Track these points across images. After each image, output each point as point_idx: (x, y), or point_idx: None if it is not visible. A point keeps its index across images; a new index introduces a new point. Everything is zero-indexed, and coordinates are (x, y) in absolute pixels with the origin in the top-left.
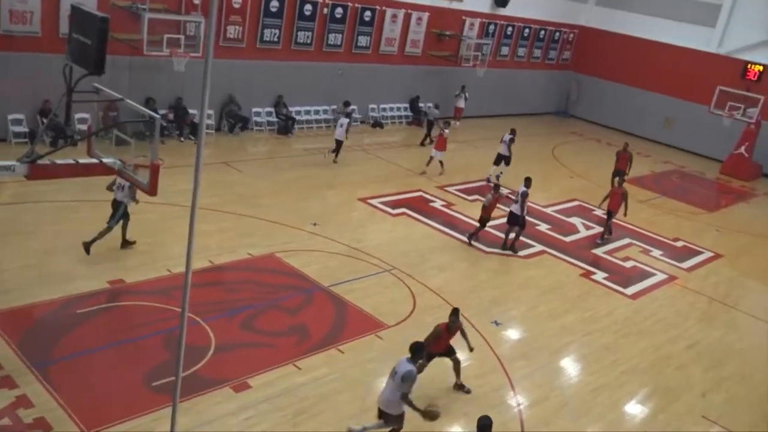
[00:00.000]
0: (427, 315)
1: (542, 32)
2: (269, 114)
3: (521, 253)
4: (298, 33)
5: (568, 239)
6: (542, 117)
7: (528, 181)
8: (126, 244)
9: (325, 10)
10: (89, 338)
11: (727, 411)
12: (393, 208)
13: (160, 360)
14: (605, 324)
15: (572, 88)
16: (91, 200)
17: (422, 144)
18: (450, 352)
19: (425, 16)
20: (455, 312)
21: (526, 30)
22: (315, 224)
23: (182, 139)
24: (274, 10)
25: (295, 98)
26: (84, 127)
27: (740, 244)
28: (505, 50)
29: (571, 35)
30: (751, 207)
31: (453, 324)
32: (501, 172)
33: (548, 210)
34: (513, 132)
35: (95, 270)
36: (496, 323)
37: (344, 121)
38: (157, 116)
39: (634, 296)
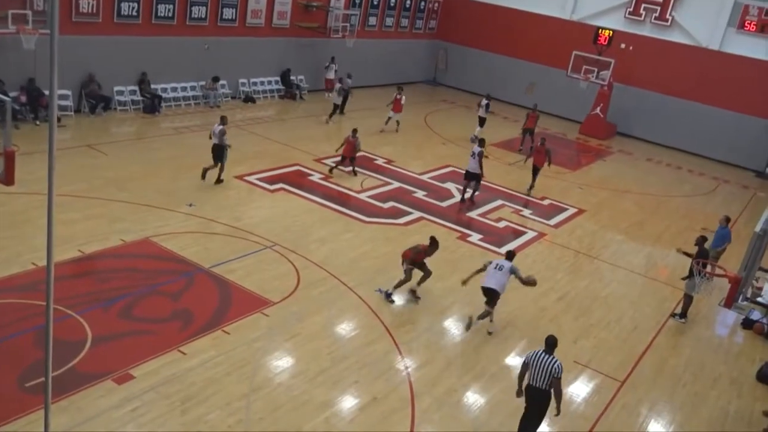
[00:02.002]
0: (312, 288)
1: (408, 2)
2: (133, 93)
3: (400, 220)
4: (159, 6)
5: (444, 204)
6: (413, 86)
7: (482, 142)
8: None
9: None
10: None
11: (596, 355)
12: (271, 183)
13: (32, 359)
14: None
15: (440, 57)
16: None
17: (333, 114)
18: (423, 266)
19: None
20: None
21: (392, 0)
22: (191, 205)
23: (38, 122)
24: None
25: (161, 75)
26: None
27: (600, 199)
28: (372, 20)
29: (436, 4)
30: (608, 164)
31: (432, 251)
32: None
33: (423, 177)
34: (489, 97)
35: None
36: (381, 291)
37: (337, 86)
38: (8, 99)
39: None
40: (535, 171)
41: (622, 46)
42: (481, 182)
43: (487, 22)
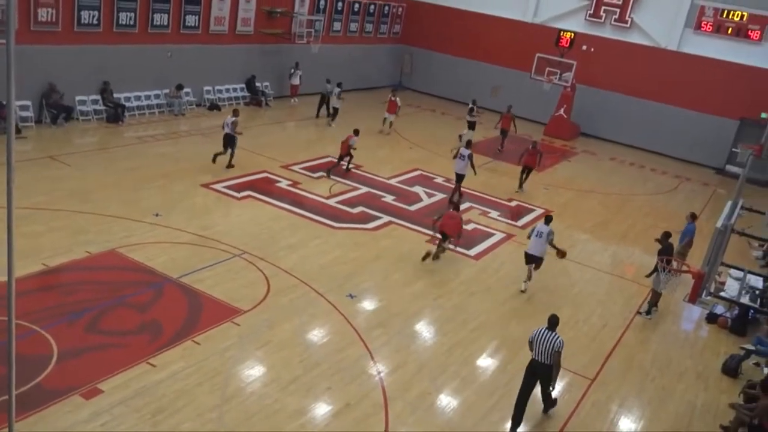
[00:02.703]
0: (282, 296)
1: (372, 7)
2: (95, 102)
3: (369, 225)
4: (120, 14)
5: (413, 208)
6: (379, 90)
7: (470, 144)
8: None
9: None
10: None
11: (566, 353)
12: (238, 191)
13: None
14: (454, 286)
15: (405, 61)
16: None
17: (317, 116)
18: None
19: None
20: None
21: (356, 5)
22: (157, 215)
23: None
24: None
25: (124, 84)
26: None
27: (566, 199)
28: (337, 26)
29: (400, 9)
30: (573, 164)
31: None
32: (461, 134)
33: (392, 181)
34: (474, 102)
35: None
36: (351, 296)
37: (336, 90)
38: None
39: (477, 257)
40: (526, 171)
41: (584, 47)
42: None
43: (451, 26)
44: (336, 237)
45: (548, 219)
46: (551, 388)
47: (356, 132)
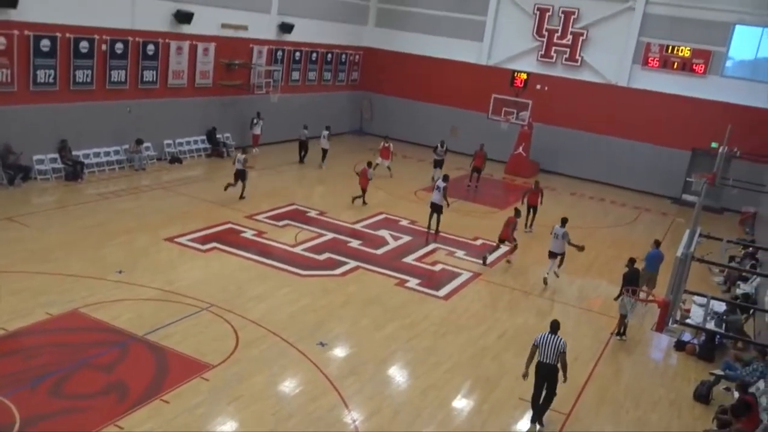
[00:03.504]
0: (252, 348)
1: (329, 55)
2: (54, 160)
3: (337, 271)
4: (76, 72)
5: (379, 252)
6: (341, 137)
7: (447, 178)
8: None
9: (104, 47)
10: None
11: None
12: (203, 243)
13: None
14: (424, 327)
15: (365, 107)
16: None
17: (300, 161)
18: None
19: (212, 46)
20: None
21: (314, 54)
22: (120, 272)
23: None
24: (45, 49)
25: (82, 141)
26: None
27: (530, 236)
28: (296, 75)
29: (357, 56)
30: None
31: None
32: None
33: (357, 226)
34: (441, 142)
35: None
36: (322, 344)
37: (325, 133)
38: None
39: (446, 297)
40: (532, 211)
41: (538, 87)
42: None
43: (408, 71)
44: (304, 285)
45: (564, 221)
46: (564, 381)
47: (369, 164)
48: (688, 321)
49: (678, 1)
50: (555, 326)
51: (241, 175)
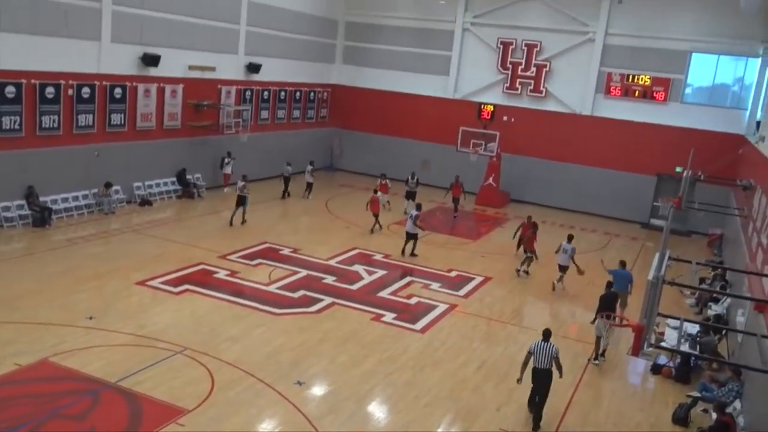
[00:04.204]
0: (228, 390)
1: (298, 93)
2: (21, 207)
3: (312, 308)
4: (42, 118)
5: (354, 287)
6: (304, 176)
7: (419, 207)
8: None
9: (70, 92)
10: None
11: (520, 419)
12: (175, 286)
13: None
14: (403, 361)
15: (335, 144)
16: None
17: (283, 197)
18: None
19: (179, 88)
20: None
21: (282, 93)
22: (91, 318)
23: None
24: (11, 96)
25: (50, 187)
26: None
27: (504, 265)
28: (265, 114)
29: (326, 93)
30: (506, 230)
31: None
32: (412, 209)
33: (331, 262)
34: (412, 174)
35: None
36: (300, 383)
37: (309, 168)
38: None
39: (423, 330)
40: (529, 254)
41: (505, 118)
42: (417, 241)
43: (376, 107)
44: (279, 323)
45: (570, 237)
46: (560, 376)
47: (375, 191)
48: (663, 344)
49: (636, 32)
50: (547, 334)
51: (242, 201)
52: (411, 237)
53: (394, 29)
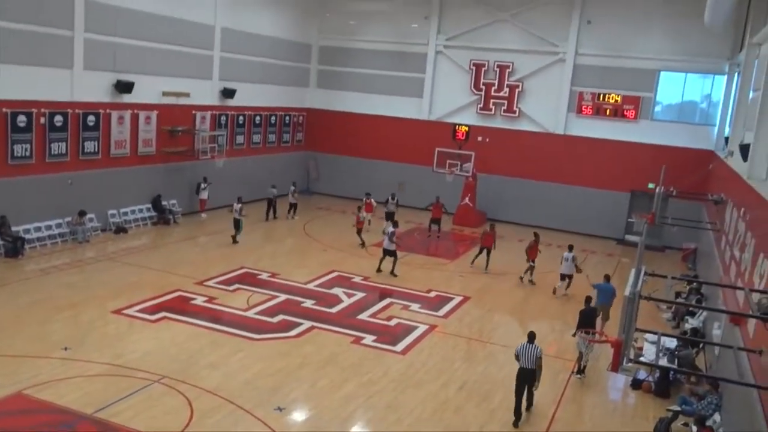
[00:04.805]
0: (207, 418)
1: (273, 118)
2: None
3: (291, 332)
4: (14, 146)
5: (333, 310)
6: (287, 197)
7: (396, 224)
8: None
9: (42, 120)
10: None
11: None
12: (152, 314)
13: None
14: (384, 384)
15: (311, 167)
16: None
17: (267, 219)
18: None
19: (154, 114)
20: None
21: (257, 117)
22: (66, 348)
23: None
24: None
25: (22, 216)
26: None
27: (482, 284)
28: (240, 139)
29: (301, 117)
30: (483, 260)
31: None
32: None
33: (309, 286)
34: (392, 195)
35: None
36: (280, 409)
37: (292, 188)
38: None
39: (404, 351)
40: (486, 251)
41: (479, 138)
42: (396, 259)
43: (352, 130)
44: (258, 349)
45: (570, 247)
46: (535, 388)
47: (359, 209)
48: (641, 359)
49: (605, 52)
50: (532, 336)
51: (235, 224)
52: (387, 254)
53: (367, 52)
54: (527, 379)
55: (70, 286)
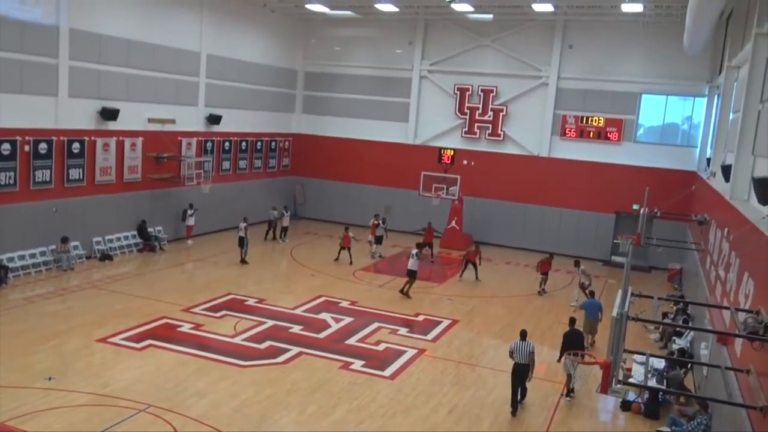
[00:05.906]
0: None
1: (259, 143)
2: None
3: (279, 359)
4: None
5: (321, 336)
6: (281, 221)
7: (418, 245)
8: None
9: (27, 148)
10: None
11: None
12: (138, 342)
13: None
14: (373, 409)
15: (298, 192)
16: None
17: (265, 238)
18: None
19: (139, 141)
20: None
21: (243, 143)
22: (50, 378)
23: None
24: None
25: (6, 244)
26: None
27: (470, 307)
28: (226, 164)
29: (287, 143)
30: (471, 273)
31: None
32: (378, 252)
33: (297, 311)
34: (383, 219)
35: None
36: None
37: (283, 212)
38: None
39: (393, 376)
40: (471, 265)
41: (465, 162)
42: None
43: (338, 155)
44: (246, 376)
45: (577, 263)
46: (528, 380)
47: (347, 229)
48: (630, 380)
49: (587, 76)
50: (524, 334)
51: (240, 242)
52: (411, 274)
53: (352, 78)
54: (522, 373)
55: (54, 314)
